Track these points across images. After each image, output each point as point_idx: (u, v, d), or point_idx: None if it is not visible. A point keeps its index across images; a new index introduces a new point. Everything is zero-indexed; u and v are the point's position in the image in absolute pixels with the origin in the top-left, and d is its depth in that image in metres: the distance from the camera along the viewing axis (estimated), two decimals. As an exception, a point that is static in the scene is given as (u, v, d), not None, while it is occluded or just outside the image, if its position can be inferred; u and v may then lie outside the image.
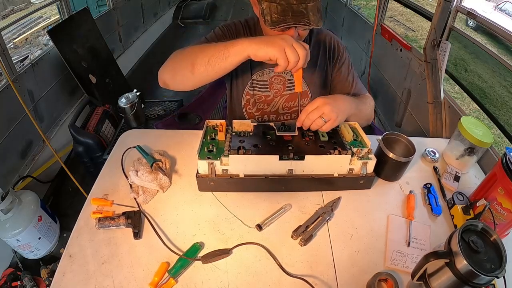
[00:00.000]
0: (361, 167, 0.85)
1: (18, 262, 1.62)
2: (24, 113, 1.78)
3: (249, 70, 1.06)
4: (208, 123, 0.94)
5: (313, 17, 0.84)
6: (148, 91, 3.05)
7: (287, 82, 1.08)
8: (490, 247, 0.56)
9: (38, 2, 5.90)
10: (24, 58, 4.11)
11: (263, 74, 1.07)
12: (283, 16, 0.82)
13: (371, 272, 0.68)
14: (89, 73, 2.34)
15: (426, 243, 0.78)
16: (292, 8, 0.83)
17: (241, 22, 1.06)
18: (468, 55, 1.83)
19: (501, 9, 6.20)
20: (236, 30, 1.04)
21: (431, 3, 4.59)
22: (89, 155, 1.86)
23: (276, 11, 0.83)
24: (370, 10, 6.82)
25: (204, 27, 4.94)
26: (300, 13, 0.82)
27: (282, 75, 1.07)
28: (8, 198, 1.39)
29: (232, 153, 0.81)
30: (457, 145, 0.98)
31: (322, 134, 0.89)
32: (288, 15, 0.82)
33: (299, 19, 0.82)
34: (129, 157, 0.95)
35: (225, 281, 0.68)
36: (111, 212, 0.81)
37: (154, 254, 0.72)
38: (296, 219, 0.81)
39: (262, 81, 1.07)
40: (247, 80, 1.07)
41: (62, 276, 0.68)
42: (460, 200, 0.85)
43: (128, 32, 3.49)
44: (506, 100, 2.09)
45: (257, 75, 1.07)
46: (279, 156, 0.81)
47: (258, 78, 1.07)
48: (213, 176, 0.83)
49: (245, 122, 0.92)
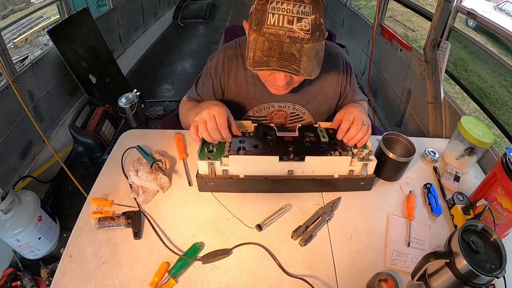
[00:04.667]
0: (361, 169, 0.84)
1: (18, 262, 1.61)
2: (24, 113, 1.78)
3: (242, 107, 1.01)
4: None
5: (306, 64, 0.69)
6: (148, 91, 3.05)
7: (289, 116, 1.03)
8: (490, 247, 0.56)
9: (38, 2, 5.90)
10: (24, 58, 4.11)
11: (260, 109, 1.01)
12: (267, 57, 0.68)
13: (371, 272, 0.68)
14: (89, 73, 2.34)
15: (426, 243, 0.77)
16: (281, 48, 0.68)
17: (236, 54, 0.94)
18: (468, 55, 1.83)
19: (501, 9, 6.20)
20: (227, 66, 0.95)
21: (431, 3, 4.59)
22: (89, 155, 1.86)
23: (261, 48, 0.69)
24: (370, 10, 6.82)
25: (204, 27, 4.94)
26: (290, 56, 0.68)
27: (283, 109, 1.01)
28: (8, 198, 1.39)
29: (232, 153, 0.80)
30: (457, 145, 0.98)
31: (323, 135, 0.89)
32: (274, 56, 0.68)
33: (285, 64, 0.68)
34: (129, 157, 0.95)
35: (225, 281, 0.68)
36: (111, 212, 0.81)
37: (154, 254, 0.72)
38: (296, 219, 0.81)
39: (261, 116, 1.03)
40: (242, 115, 1.03)
41: (62, 276, 0.68)
42: (460, 200, 0.85)
43: (128, 32, 3.49)
44: (506, 100, 2.09)
45: (253, 111, 1.01)
46: (279, 156, 0.81)
47: (255, 114, 1.02)
48: (213, 177, 0.82)
49: (245, 122, 0.92)
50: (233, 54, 0.95)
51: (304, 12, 0.66)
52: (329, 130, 0.92)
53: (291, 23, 0.66)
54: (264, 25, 0.68)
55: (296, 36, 0.67)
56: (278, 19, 0.67)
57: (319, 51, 0.72)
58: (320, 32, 0.70)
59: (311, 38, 0.68)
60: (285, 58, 0.68)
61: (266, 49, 0.69)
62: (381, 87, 2.45)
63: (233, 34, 1.35)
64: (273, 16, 0.67)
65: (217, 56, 0.96)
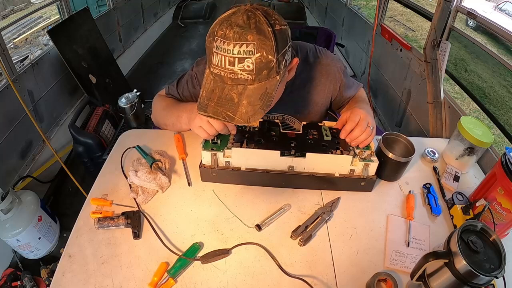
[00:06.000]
0: (362, 169, 0.84)
1: (18, 262, 1.62)
2: (24, 113, 1.78)
3: None
4: None
5: (244, 109, 0.64)
6: (148, 91, 3.04)
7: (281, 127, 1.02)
8: (489, 247, 0.56)
9: (38, 2, 5.90)
10: (24, 58, 4.12)
11: None
12: (208, 100, 0.67)
13: (370, 272, 0.68)
14: (89, 73, 2.35)
15: (426, 243, 0.77)
16: (222, 91, 0.66)
17: None
18: (468, 55, 1.83)
19: (501, 9, 6.20)
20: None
21: (431, 3, 4.59)
22: (89, 155, 1.86)
23: (207, 88, 0.68)
24: (370, 10, 6.82)
25: (204, 27, 4.94)
26: (227, 101, 0.65)
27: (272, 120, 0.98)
28: (8, 198, 1.39)
29: (235, 146, 0.82)
30: (456, 145, 0.98)
31: (326, 134, 0.89)
32: (213, 100, 0.66)
33: (220, 110, 0.65)
34: (129, 157, 0.95)
35: (224, 281, 0.68)
36: (110, 212, 0.81)
37: (154, 254, 0.72)
38: (295, 219, 0.81)
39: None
40: None
41: (62, 276, 0.68)
42: (459, 200, 0.85)
43: (128, 32, 3.49)
44: (506, 100, 2.09)
45: None
46: (281, 152, 0.81)
47: None
48: (216, 167, 0.84)
49: None
50: None
51: (247, 51, 0.62)
52: (333, 129, 0.92)
53: (232, 64, 0.63)
54: (211, 63, 0.67)
55: (238, 78, 0.65)
56: (221, 59, 0.64)
57: (269, 89, 0.67)
58: (268, 70, 0.65)
59: (255, 78, 0.65)
60: (222, 104, 0.66)
61: (209, 90, 0.68)
62: (381, 87, 2.45)
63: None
64: (217, 55, 0.64)
65: (205, 63, 0.95)
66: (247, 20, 0.63)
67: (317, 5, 4.55)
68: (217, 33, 0.64)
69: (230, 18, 0.64)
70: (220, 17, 0.66)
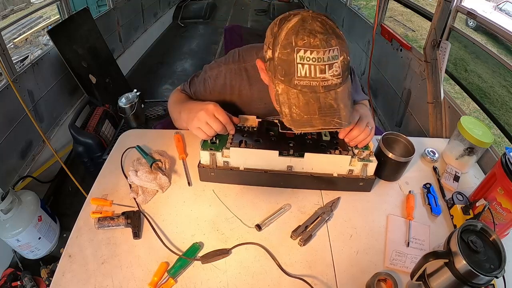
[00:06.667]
0: (361, 169, 0.84)
1: (18, 262, 1.62)
2: (24, 113, 1.78)
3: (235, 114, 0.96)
4: None
5: (344, 112, 0.65)
6: (148, 91, 3.05)
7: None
8: (489, 247, 0.56)
9: (38, 2, 5.90)
10: (24, 58, 4.11)
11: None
12: (308, 115, 0.64)
13: (370, 272, 0.68)
14: (89, 73, 2.35)
15: (426, 243, 0.77)
16: (318, 101, 0.64)
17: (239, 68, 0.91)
18: (468, 55, 1.83)
19: (501, 9, 6.20)
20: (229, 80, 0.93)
21: (431, 3, 4.59)
22: (89, 155, 1.86)
23: (297, 103, 0.64)
24: (370, 10, 6.82)
25: (204, 27, 4.95)
26: (329, 109, 0.64)
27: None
28: (8, 198, 1.39)
29: (234, 146, 0.82)
30: (456, 145, 0.98)
31: (325, 134, 0.89)
32: (315, 113, 0.64)
33: (328, 120, 0.64)
34: (129, 157, 0.95)
35: (224, 281, 0.68)
36: (110, 212, 0.81)
37: (154, 254, 0.72)
38: (295, 219, 0.81)
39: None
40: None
41: (62, 276, 0.68)
42: (459, 200, 0.85)
43: (128, 32, 3.49)
44: (506, 100, 2.09)
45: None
46: (279, 152, 0.81)
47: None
48: (214, 167, 0.84)
49: (250, 117, 0.93)
50: (236, 68, 0.92)
51: (334, 56, 0.62)
52: None
53: (323, 71, 0.62)
54: (294, 77, 0.64)
55: (329, 84, 0.64)
56: (309, 69, 0.62)
57: (349, 88, 0.68)
58: (348, 71, 0.67)
59: (342, 81, 0.65)
60: (326, 113, 0.64)
61: (302, 104, 0.64)
62: (381, 87, 2.45)
63: (232, 34, 1.35)
64: (303, 66, 0.62)
65: (219, 69, 0.94)
66: (323, 26, 0.63)
67: (317, 5, 4.55)
68: (297, 44, 0.62)
69: (305, 27, 0.62)
70: (287, 28, 0.64)
